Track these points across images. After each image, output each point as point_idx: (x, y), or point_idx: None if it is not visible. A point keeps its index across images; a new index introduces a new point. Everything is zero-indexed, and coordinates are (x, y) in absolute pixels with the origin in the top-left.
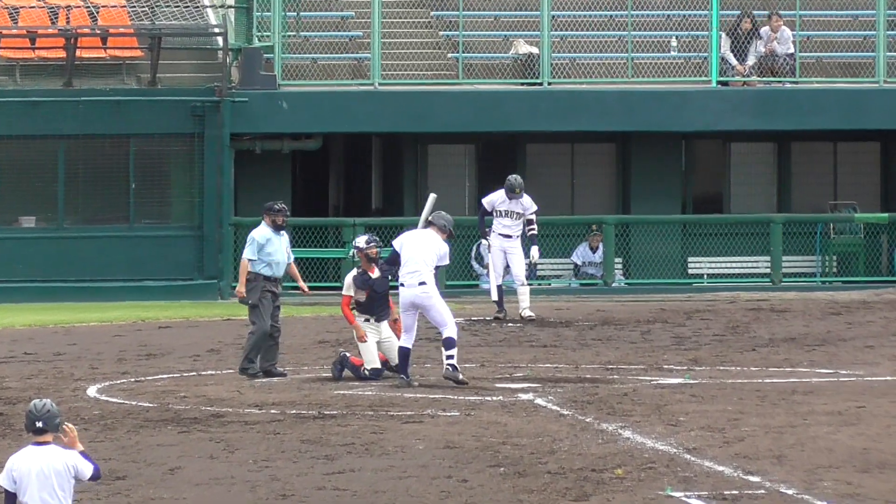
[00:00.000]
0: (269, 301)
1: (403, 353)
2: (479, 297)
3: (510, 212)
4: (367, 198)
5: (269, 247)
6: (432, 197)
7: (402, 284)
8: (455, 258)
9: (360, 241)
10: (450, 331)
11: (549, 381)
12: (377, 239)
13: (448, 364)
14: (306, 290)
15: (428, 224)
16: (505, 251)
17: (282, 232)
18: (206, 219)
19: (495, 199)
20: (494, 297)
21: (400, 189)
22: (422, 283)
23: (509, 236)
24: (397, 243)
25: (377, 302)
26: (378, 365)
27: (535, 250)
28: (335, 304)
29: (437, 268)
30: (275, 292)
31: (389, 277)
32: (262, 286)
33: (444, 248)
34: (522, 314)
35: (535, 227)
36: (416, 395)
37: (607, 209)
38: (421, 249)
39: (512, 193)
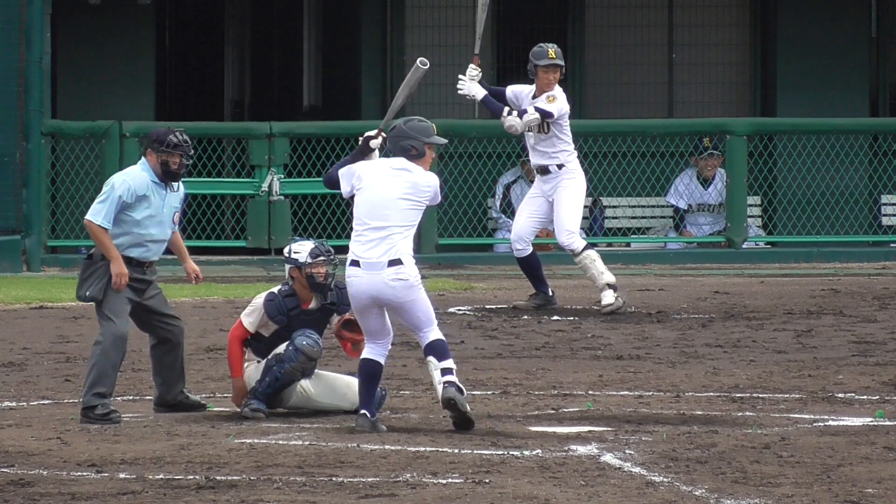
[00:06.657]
0: (127, 292)
1: (368, 371)
2: (499, 266)
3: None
4: (293, 87)
5: (144, 209)
6: (419, 67)
7: (353, 262)
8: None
9: (302, 249)
10: (435, 331)
11: (625, 420)
12: (330, 249)
13: (446, 383)
14: (197, 275)
15: (397, 146)
16: (544, 194)
17: (177, 185)
18: None
19: (523, 91)
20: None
21: (354, 70)
22: (395, 263)
23: (546, 168)
24: (347, 174)
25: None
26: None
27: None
28: (235, 279)
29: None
30: (145, 279)
31: (334, 322)
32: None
33: (430, 182)
34: (602, 304)
35: (537, 116)
36: (385, 447)
37: (734, 108)
38: (389, 192)
39: (544, 69)
